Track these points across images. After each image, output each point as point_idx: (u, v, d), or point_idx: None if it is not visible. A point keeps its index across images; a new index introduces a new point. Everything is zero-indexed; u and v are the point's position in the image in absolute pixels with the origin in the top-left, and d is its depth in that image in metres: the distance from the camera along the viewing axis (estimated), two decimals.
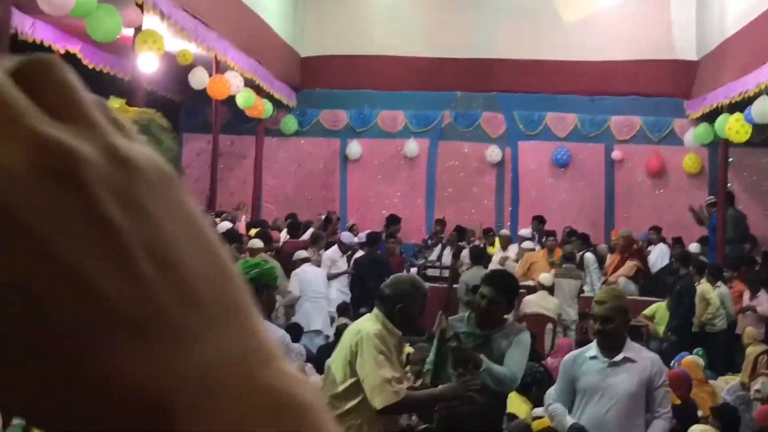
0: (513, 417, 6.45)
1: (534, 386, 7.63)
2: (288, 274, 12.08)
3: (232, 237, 12.33)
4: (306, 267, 12.29)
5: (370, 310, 5.57)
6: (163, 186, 0.44)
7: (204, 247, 0.45)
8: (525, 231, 16.40)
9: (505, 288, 5.63)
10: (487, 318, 5.48)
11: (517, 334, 5.64)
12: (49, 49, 12.79)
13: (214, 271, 0.44)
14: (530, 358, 8.08)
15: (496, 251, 15.59)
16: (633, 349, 5.22)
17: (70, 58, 13.32)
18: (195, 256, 0.44)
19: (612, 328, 5.10)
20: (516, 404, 6.59)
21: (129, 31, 10.82)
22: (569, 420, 5.14)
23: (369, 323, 4.84)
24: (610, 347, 5.15)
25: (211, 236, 0.46)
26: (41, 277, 0.39)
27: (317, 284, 12.14)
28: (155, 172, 0.44)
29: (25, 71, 0.43)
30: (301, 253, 12.60)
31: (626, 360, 5.13)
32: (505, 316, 5.72)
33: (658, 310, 13.08)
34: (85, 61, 13.58)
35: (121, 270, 0.41)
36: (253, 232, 14.07)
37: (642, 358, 5.18)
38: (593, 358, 5.17)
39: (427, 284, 5.54)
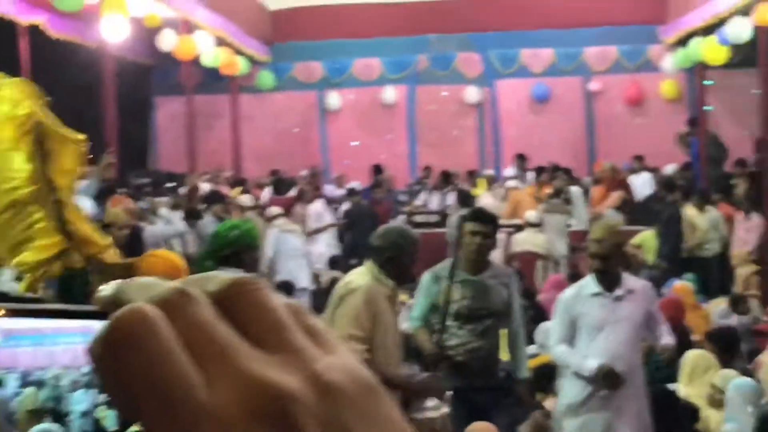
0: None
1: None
2: None
3: (215, 198, 12.24)
4: (280, 223, 12.09)
5: (360, 262, 5.58)
6: (367, 399, 0.45)
7: None
8: (509, 170, 16.42)
9: (492, 220, 5.70)
10: (480, 256, 5.51)
11: (506, 276, 5.72)
12: (11, 23, 12.60)
13: None
14: (523, 296, 8.14)
15: (482, 192, 15.60)
16: (629, 280, 5.30)
17: (35, 30, 13.13)
18: None
19: (612, 264, 5.16)
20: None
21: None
22: (592, 361, 5.12)
23: (360, 276, 4.82)
24: (610, 283, 5.18)
25: None
26: None
27: (294, 241, 11.90)
28: (356, 387, 0.45)
29: (226, 295, 0.45)
30: (273, 210, 12.36)
31: (628, 292, 5.20)
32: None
33: (646, 238, 13.11)
34: (51, 32, 13.37)
35: None
36: (236, 191, 14.03)
37: (639, 287, 5.30)
38: (596, 294, 5.18)
39: (416, 231, 5.52)
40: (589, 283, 5.25)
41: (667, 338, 5.46)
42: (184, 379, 0.42)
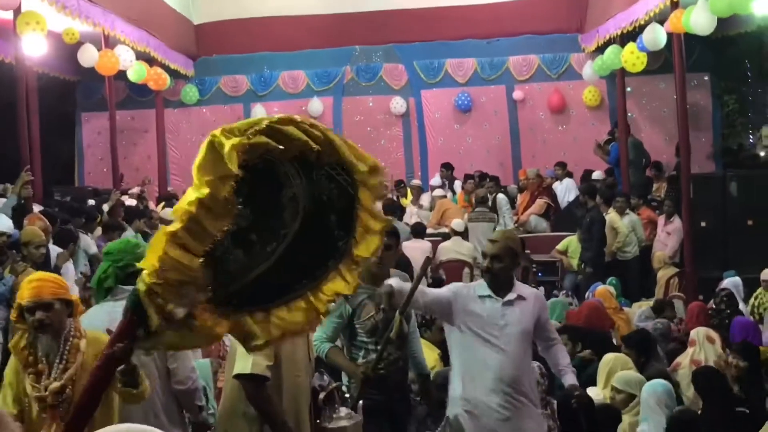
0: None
1: (426, 328, 7.63)
2: None
3: (138, 213, 12.14)
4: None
5: None
6: None
7: None
8: (435, 179, 16.55)
9: (394, 232, 5.65)
10: (384, 269, 5.50)
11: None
12: None
13: None
14: None
15: (409, 202, 15.70)
16: (521, 287, 5.25)
17: None
18: None
19: (500, 267, 5.11)
20: (426, 352, 6.62)
21: (8, 14, 10.50)
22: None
23: None
24: (500, 286, 5.15)
25: None
26: None
27: None
28: None
29: None
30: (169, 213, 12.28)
31: (519, 298, 5.17)
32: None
33: (571, 243, 13.32)
34: None
35: None
36: (161, 206, 13.92)
37: (529, 295, 5.23)
38: (486, 297, 5.14)
39: None
40: (482, 286, 5.21)
41: (559, 350, 5.42)
42: None
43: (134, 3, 14.02)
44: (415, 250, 11.27)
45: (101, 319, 4.32)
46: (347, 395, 4.94)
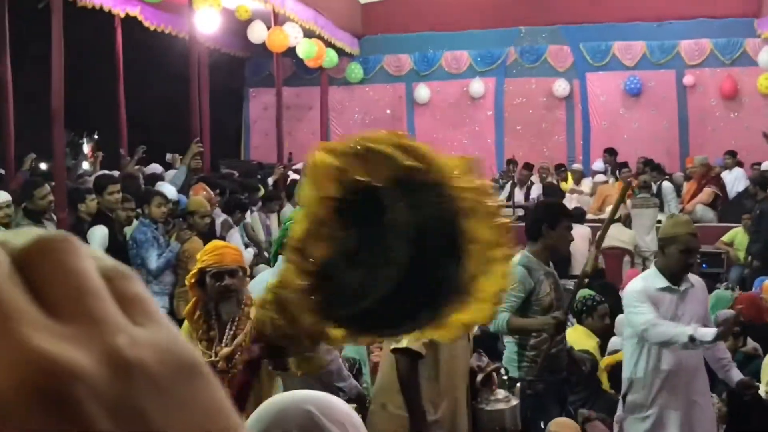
0: (584, 352, 6.36)
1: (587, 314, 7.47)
2: None
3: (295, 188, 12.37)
4: None
5: None
6: (176, 381, 0.41)
7: None
8: (597, 164, 16.23)
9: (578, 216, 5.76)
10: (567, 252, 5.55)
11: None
12: (109, 14, 12.93)
13: None
14: (607, 292, 8.06)
15: (569, 186, 15.48)
16: (689, 275, 5.20)
17: (130, 21, 13.46)
18: None
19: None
20: (583, 339, 6.51)
21: None
22: (695, 327, 4.96)
23: None
24: (678, 277, 5.10)
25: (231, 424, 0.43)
26: None
27: None
28: (165, 367, 0.41)
29: (28, 254, 0.41)
30: None
31: (692, 286, 5.14)
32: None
33: (737, 235, 12.84)
34: (146, 23, 13.70)
35: None
36: None
37: (697, 282, 5.23)
38: (665, 289, 5.06)
39: None
40: (655, 277, 5.10)
41: (735, 371, 5.43)
42: None
43: None
44: (574, 235, 11.07)
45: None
46: (504, 377, 4.91)
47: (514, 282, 5.34)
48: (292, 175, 14.10)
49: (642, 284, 5.19)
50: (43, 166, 13.47)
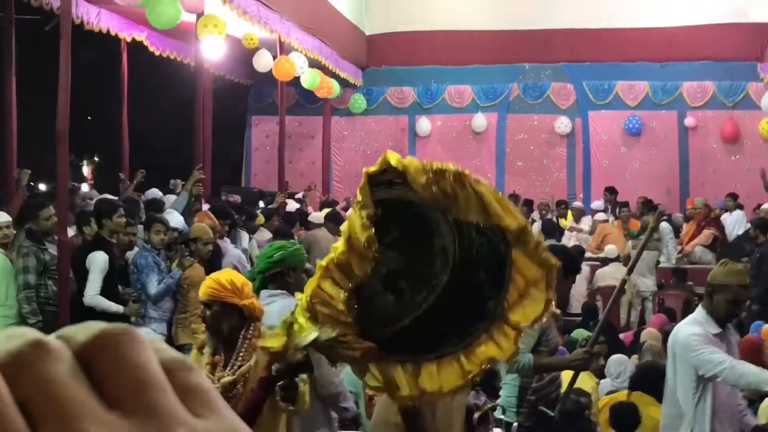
0: (581, 393, 6.33)
1: None
2: None
3: (298, 217, 12.35)
4: (316, 233, 11.97)
5: None
6: None
7: None
8: (597, 203, 16.23)
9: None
10: None
11: None
12: (115, 38, 12.98)
13: None
14: (604, 331, 8.03)
15: (568, 223, 15.47)
16: None
17: (136, 46, 13.51)
18: None
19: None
20: (583, 379, 6.47)
21: (192, 17, 10.88)
22: None
23: None
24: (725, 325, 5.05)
25: None
26: None
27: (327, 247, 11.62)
28: None
29: (91, 347, 0.42)
30: (318, 216, 12.42)
31: (732, 333, 5.12)
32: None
33: None
34: (151, 48, 13.75)
35: None
36: (323, 212, 14.13)
37: (730, 327, 5.14)
38: (718, 335, 4.96)
39: None
40: (708, 323, 4.99)
41: (749, 417, 5.40)
42: None
43: (310, 12, 14.32)
44: None
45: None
46: (500, 416, 4.89)
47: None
48: (291, 204, 14.09)
49: (700, 329, 5.09)
50: (42, 186, 13.47)
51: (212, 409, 0.43)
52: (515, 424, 4.96)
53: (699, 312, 5.10)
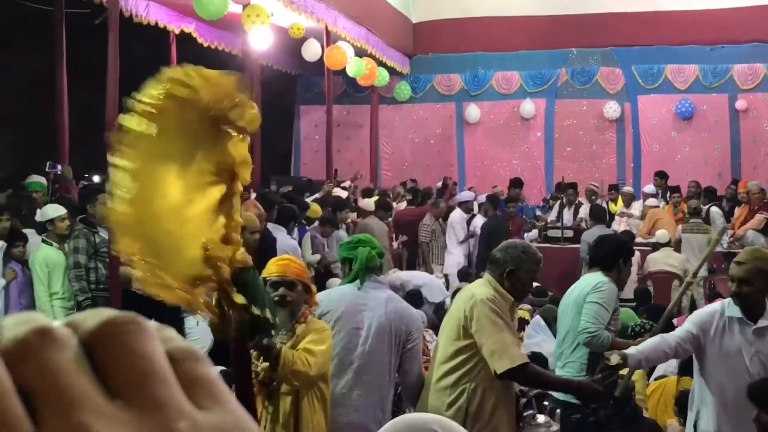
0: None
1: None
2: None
3: (342, 204, 12.43)
4: (369, 220, 12.01)
5: None
6: None
7: None
8: (649, 187, 16.08)
9: None
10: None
11: None
12: (164, 30, 13.12)
13: None
14: (657, 316, 8.00)
15: (619, 209, 15.35)
16: None
17: (185, 37, 13.64)
18: None
19: (749, 291, 4.72)
20: None
21: (238, 8, 10.97)
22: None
23: (481, 288, 4.74)
24: (751, 311, 4.76)
25: None
26: None
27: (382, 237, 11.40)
28: None
29: (98, 338, 0.42)
30: (369, 204, 12.48)
31: None
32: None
33: None
34: (200, 40, 13.88)
35: None
36: (373, 199, 14.19)
37: None
38: (737, 320, 4.78)
39: (547, 245, 5.55)
40: (732, 308, 4.82)
41: None
42: (8, 428, 0.38)
43: (356, 0, 14.36)
44: None
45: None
46: (545, 402, 4.92)
47: (611, 298, 5.57)
48: (338, 192, 14.15)
49: (713, 308, 5.01)
50: (95, 178, 13.68)
51: (218, 400, 0.43)
52: (558, 410, 4.97)
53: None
